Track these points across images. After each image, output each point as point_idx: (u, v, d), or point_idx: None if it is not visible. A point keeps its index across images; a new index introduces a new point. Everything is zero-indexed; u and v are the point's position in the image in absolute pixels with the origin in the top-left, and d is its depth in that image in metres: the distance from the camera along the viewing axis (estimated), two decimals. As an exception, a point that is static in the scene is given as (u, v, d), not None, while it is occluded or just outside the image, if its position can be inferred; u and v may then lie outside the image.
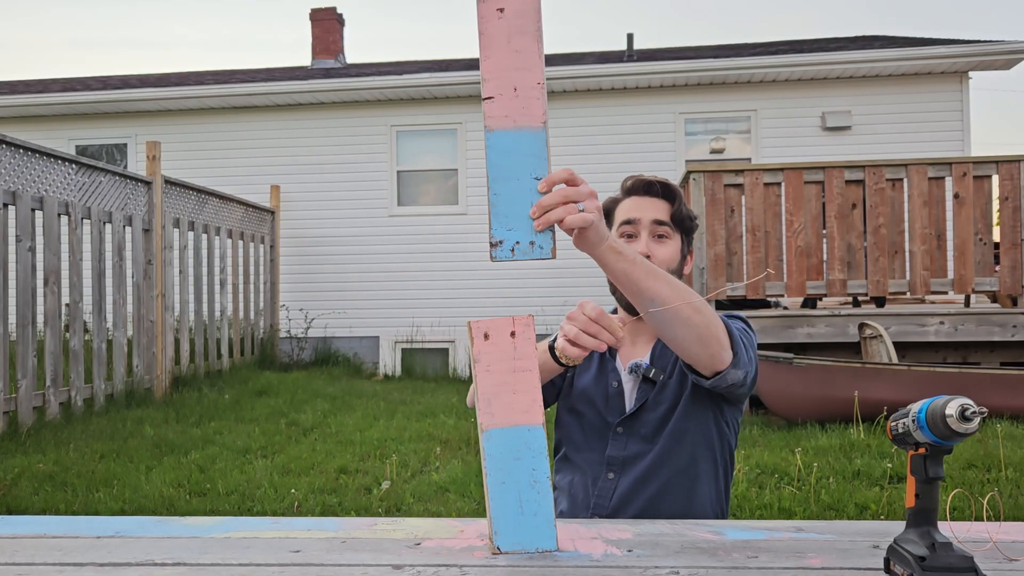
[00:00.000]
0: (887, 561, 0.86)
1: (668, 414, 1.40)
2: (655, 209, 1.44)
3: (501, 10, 0.99)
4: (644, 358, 1.48)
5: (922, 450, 0.83)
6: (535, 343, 1.01)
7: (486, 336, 1.00)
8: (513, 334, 1.00)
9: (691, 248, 1.52)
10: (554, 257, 1.00)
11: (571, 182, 1.02)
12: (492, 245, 0.99)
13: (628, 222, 1.44)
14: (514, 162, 1.00)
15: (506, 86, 0.99)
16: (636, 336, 1.52)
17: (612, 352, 1.51)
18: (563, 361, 1.31)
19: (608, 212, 1.48)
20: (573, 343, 1.21)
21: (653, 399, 1.43)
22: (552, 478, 1.12)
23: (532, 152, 1.00)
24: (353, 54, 25.36)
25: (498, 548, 0.96)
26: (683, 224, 1.46)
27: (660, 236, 1.44)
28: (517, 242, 1.00)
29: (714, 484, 1.44)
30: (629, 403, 1.46)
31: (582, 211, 1.01)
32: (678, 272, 1.46)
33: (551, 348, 1.33)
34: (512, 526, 0.97)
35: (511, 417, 0.99)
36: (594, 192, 1.04)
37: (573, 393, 1.51)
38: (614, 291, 1.44)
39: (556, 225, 1.00)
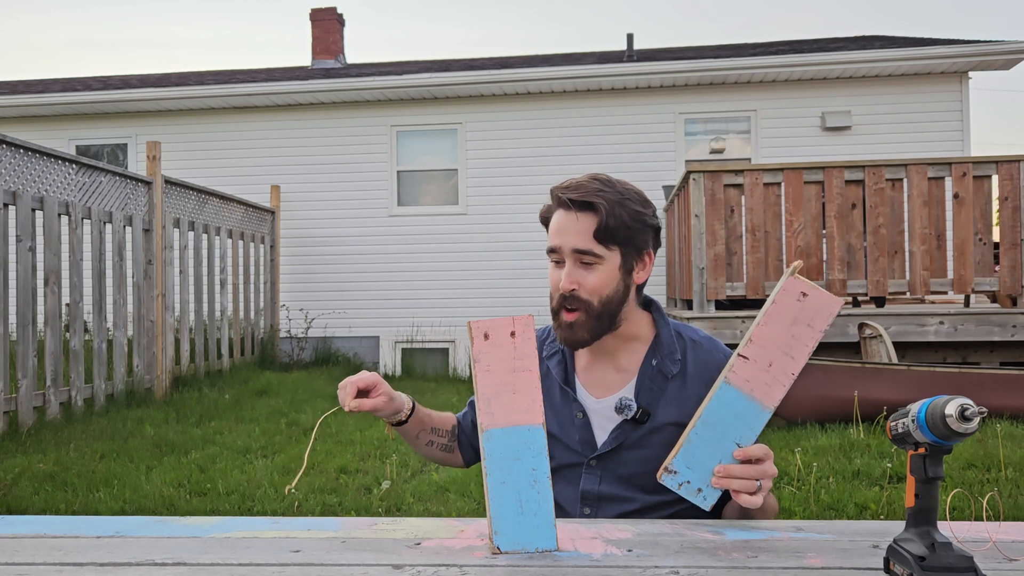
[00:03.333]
0: (887, 561, 0.86)
1: (654, 458, 1.21)
2: (577, 231, 1.24)
3: (804, 295, 1.05)
4: (624, 389, 1.32)
5: (922, 450, 0.83)
6: (535, 343, 1.02)
7: (486, 336, 1.00)
8: (513, 334, 1.00)
9: (647, 249, 1.31)
10: (709, 511, 1.09)
11: (762, 461, 1.08)
12: (667, 471, 1.07)
13: (551, 249, 1.28)
14: (728, 420, 1.07)
15: (764, 357, 1.06)
16: (610, 357, 1.34)
17: (569, 379, 1.35)
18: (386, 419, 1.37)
19: (545, 225, 1.32)
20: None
21: (637, 440, 1.28)
22: None
23: (749, 423, 1.07)
24: (353, 54, 25.37)
25: (498, 548, 0.96)
26: (616, 237, 1.24)
27: (585, 264, 1.25)
28: (688, 481, 1.07)
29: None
30: (600, 436, 1.31)
31: (759, 488, 1.06)
32: (619, 294, 1.27)
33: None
34: (512, 526, 0.97)
35: (511, 417, 0.99)
36: (775, 473, 1.09)
37: None
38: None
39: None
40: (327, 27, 11.37)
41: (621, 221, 1.24)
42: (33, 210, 4.79)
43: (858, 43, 9.44)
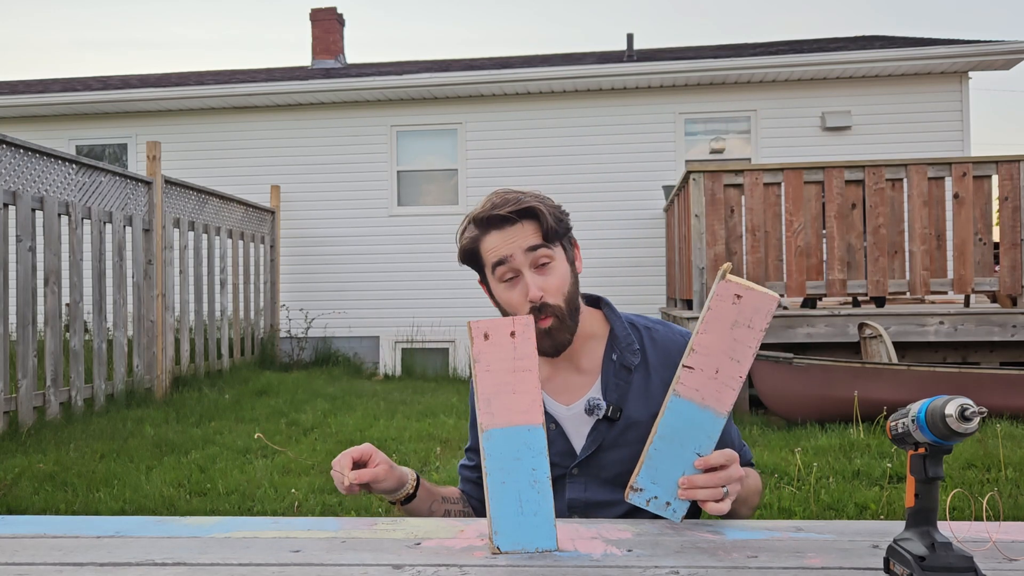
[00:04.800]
0: (887, 561, 0.86)
1: (635, 456, 1.17)
2: (526, 238, 1.23)
3: (739, 296, 1.04)
4: (591, 389, 1.31)
5: (922, 450, 0.83)
6: (535, 343, 1.01)
7: (486, 336, 1.00)
8: (513, 334, 1.00)
9: (574, 241, 1.34)
10: (680, 521, 1.08)
11: (725, 467, 1.07)
12: (633, 489, 1.06)
13: (500, 263, 1.24)
14: (685, 431, 1.06)
15: (710, 365, 1.05)
16: (570, 360, 1.33)
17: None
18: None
19: (474, 255, 1.29)
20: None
21: (614, 439, 1.27)
22: None
23: (706, 432, 1.06)
24: (353, 54, 25.37)
25: (498, 548, 0.96)
26: (557, 233, 1.26)
27: (542, 264, 1.24)
28: (655, 496, 1.06)
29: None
30: (577, 443, 1.29)
31: (726, 494, 1.05)
32: (575, 286, 1.29)
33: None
34: (512, 526, 0.97)
35: (511, 417, 0.99)
36: (742, 476, 1.09)
37: None
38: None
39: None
40: (327, 27, 11.37)
41: (554, 217, 1.26)
42: (33, 210, 4.79)
43: (858, 43, 9.44)
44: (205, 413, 5.28)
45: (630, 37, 10.29)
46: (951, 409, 0.77)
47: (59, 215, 5.03)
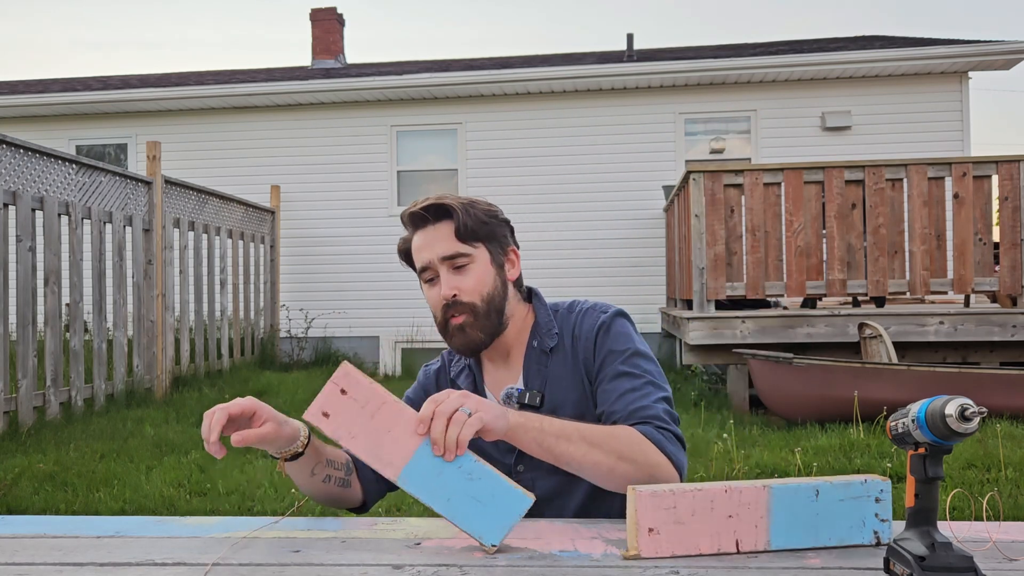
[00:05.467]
0: (887, 561, 0.86)
1: None
2: (439, 241, 1.26)
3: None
4: (517, 382, 1.33)
5: (922, 450, 0.83)
6: (365, 378, 0.99)
7: (325, 414, 0.98)
8: (344, 391, 0.98)
9: (510, 246, 1.34)
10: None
11: (440, 403, 1.00)
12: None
13: (424, 268, 1.28)
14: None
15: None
16: (504, 356, 1.35)
17: (479, 390, 1.34)
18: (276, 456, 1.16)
19: (407, 256, 1.33)
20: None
21: None
22: None
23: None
24: (353, 54, 25.36)
25: (492, 545, 0.96)
26: (477, 234, 1.27)
27: (458, 267, 1.26)
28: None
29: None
30: None
31: (469, 415, 0.99)
32: (499, 288, 1.28)
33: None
34: (487, 521, 0.96)
35: (403, 452, 0.98)
36: (465, 393, 1.02)
37: None
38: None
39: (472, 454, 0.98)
40: (327, 27, 11.37)
41: (476, 219, 1.27)
42: (33, 210, 4.78)
43: (858, 43, 9.44)
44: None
45: (630, 37, 10.29)
46: (951, 409, 0.77)
47: (59, 215, 5.03)
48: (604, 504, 1.25)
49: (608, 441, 1.11)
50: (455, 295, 1.25)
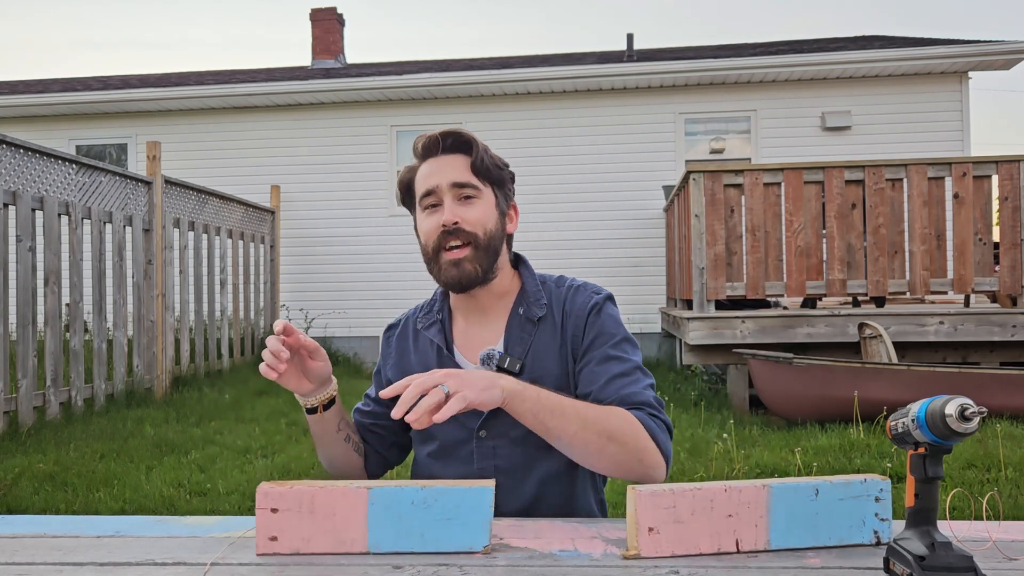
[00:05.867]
0: (887, 560, 0.86)
1: None
2: (452, 169, 1.24)
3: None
4: (497, 344, 1.28)
5: (922, 450, 0.83)
6: (288, 487, 0.96)
7: (273, 539, 0.96)
8: (275, 510, 0.96)
9: (512, 201, 1.34)
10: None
11: (418, 381, 1.00)
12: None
13: (428, 193, 1.25)
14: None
15: None
16: (482, 315, 1.31)
17: (449, 345, 1.30)
18: (304, 404, 1.23)
19: (409, 186, 1.30)
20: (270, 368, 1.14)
21: None
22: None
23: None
24: (353, 54, 25.37)
25: (485, 548, 0.96)
26: (490, 175, 1.27)
27: (466, 197, 1.24)
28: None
29: (590, 477, 1.29)
30: None
31: (447, 392, 0.98)
32: (499, 232, 1.27)
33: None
34: (466, 532, 0.96)
35: (357, 521, 0.96)
36: (449, 372, 1.02)
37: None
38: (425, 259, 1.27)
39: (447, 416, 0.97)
40: (327, 27, 11.37)
41: (492, 161, 1.27)
42: (33, 210, 4.79)
43: (858, 43, 9.44)
44: (205, 413, 5.28)
45: (630, 37, 10.29)
46: (951, 409, 0.77)
47: (59, 215, 5.03)
48: (563, 486, 1.24)
49: (601, 421, 1.10)
50: (457, 222, 1.22)
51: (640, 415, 1.15)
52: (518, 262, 1.37)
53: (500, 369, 1.23)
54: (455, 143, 1.25)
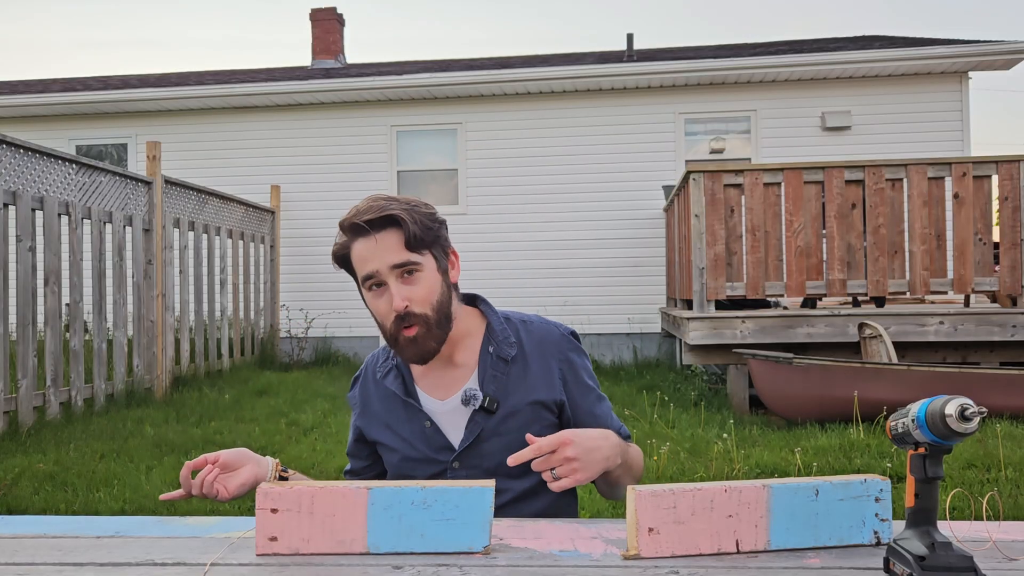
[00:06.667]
0: (887, 561, 0.86)
1: (516, 444, 1.19)
2: (387, 250, 1.23)
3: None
4: (470, 383, 1.32)
5: (922, 450, 0.83)
6: (287, 487, 0.97)
7: (273, 539, 0.96)
8: (275, 510, 0.96)
9: (450, 249, 1.33)
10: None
11: (538, 444, 1.10)
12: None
13: (369, 276, 1.25)
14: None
15: None
16: (447, 359, 1.33)
17: (410, 391, 1.34)
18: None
19: (346, 260, 1.29)
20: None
21: (493, 428, 1.29)
22: None
23: None
24: (353, 54, 25.38)
25: (486, 549, 0.96)
26: (424, 242, 1.25)
27: (408, 273, 1.24)
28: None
29: (565, 493, 1.36)
30: (454, 436, 1.30)
31: (555, 476, 1.10)
32: (447, 295, 1.29)
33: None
34: (466, 532, 0.96)
35: (357, 522, 0.96)
36: (574, 454, 1.10)
37: (394, 457, 1.36)
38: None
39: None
40: (327, 27, 11.37)
41: (423, 226, 1.25)
42: (33, 210, 4.79)
43: (858, 43, 9.44)
44: (205, 413, 5.28)
45: (630, 37, 10.29)
46: (951, 409, 0.77)
47: (59, 215, 5.03)
48: (530, 506, 1.31)
49: (637, 464, 1.33)
50: (407, 306, 1.23)
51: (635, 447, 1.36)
52: (475, 300, 1.40)
53: (483, 408, 1.29)
54: (383, 223, 1.23)
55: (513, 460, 1.08)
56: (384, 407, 1.37)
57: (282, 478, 1.30)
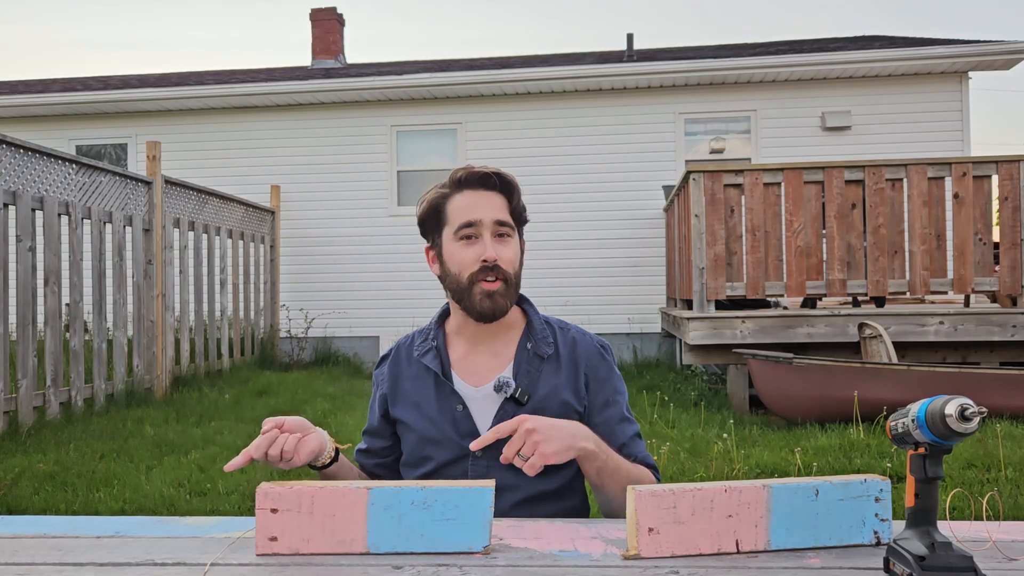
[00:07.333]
0: (887, 561, 0.86)
1: None
2: (494, 207, 1.31)
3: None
4: (506, 372, 1.34)
5: (921, 450, 0.83)
6: (288, 487, 0.96)
7: (273, 539, 0.96)
8: (275, 510, 0.96)
9: (523, 239, 1.41)
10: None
11: (499, 427, 1.13)
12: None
13: (469, 224, 1.30)
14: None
15: None
16: (490, 343, 1.37)
17: (446, 371, 1.36)
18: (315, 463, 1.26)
19: (438, 209, 1.36)
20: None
21: None
22: None
23: None
24: (353, 54, 25.37)
25: (486, 549, 0.96)
26: (520, 219, 1.36)
27: (502, 235, 1.32)
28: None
29: (581, 496, 1.37)
30: (483, 424, 1.31)
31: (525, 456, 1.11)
32: (521, 271, 1.36)
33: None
34: (466, 532, 0.96)
35: (357, 522, 0.96)
36: (534, 426, 1.12)
37: (413, 437, 1.37)
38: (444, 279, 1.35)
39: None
40: (327, 27, 11.37)
41: (522, 206, 1.37)
42: (33, 210, 4.79)
43: (858, 43, 9.44)
44: (205, 413, 5.28)
45: (630, 37, 10.29)
46: (951, 409, 0.77)
47: (59, 215, 5.03)
48: (544, 505, 1.32)
49: (635, 480, 1.27)
50: (496, 260, 1.29)
51: (656, 476, 1.33)
52: (521, 300, 1.43)
53: (513, 398, 1.31)
54: (502, 183, 1.33)
55: (476, 444, 1.12)
56: (415, 386, 1.38)
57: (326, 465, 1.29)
